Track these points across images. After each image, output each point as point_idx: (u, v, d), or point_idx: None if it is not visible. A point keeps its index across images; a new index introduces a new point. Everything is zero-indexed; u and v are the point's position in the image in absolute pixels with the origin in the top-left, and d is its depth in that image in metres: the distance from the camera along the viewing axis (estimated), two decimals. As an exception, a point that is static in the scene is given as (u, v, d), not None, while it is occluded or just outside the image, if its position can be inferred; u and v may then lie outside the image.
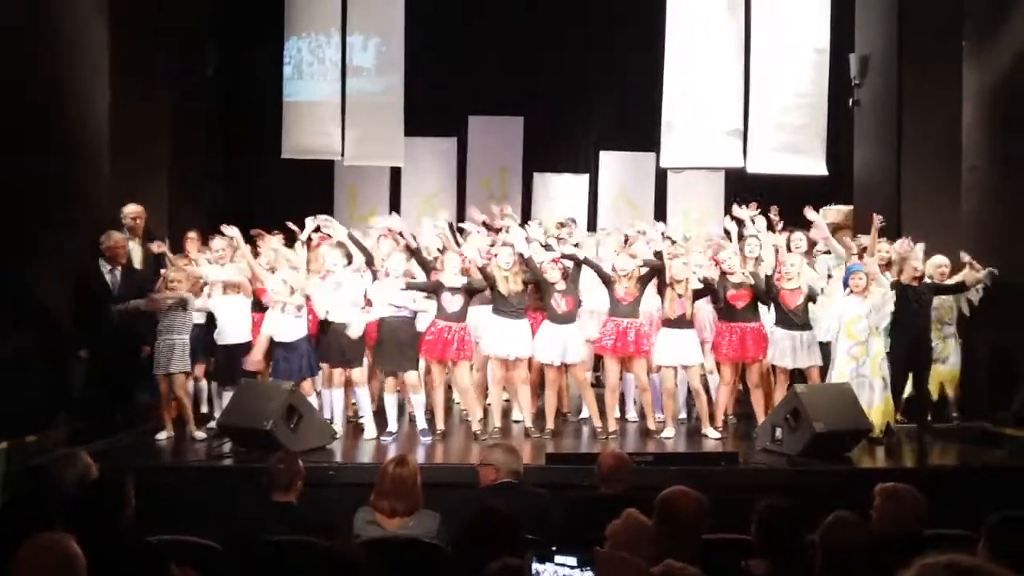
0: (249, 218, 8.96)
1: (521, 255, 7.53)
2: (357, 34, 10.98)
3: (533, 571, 2.89)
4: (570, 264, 7.58)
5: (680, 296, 7.46)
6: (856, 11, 10.71)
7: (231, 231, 7.78)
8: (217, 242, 7.93)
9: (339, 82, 10.93)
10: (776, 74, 10.41)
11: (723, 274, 7.63)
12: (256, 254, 7.98)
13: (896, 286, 7.59)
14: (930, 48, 9.38)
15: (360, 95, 10.95)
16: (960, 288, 7.91)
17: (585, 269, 7.63)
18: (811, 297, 7.53)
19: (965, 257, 8.09)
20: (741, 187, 10.80)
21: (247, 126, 11.38)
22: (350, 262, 7.67)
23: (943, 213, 8.29)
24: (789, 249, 8.08)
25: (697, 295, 7.56)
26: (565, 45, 11.65)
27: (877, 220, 7.94)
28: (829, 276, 8.10)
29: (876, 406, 7.27)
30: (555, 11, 11.62)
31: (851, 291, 7.42)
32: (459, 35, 11.34)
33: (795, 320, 7.49)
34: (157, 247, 7.92)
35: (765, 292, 7.52)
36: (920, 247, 8.03)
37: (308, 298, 7.51)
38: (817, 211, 8.44)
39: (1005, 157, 8.34)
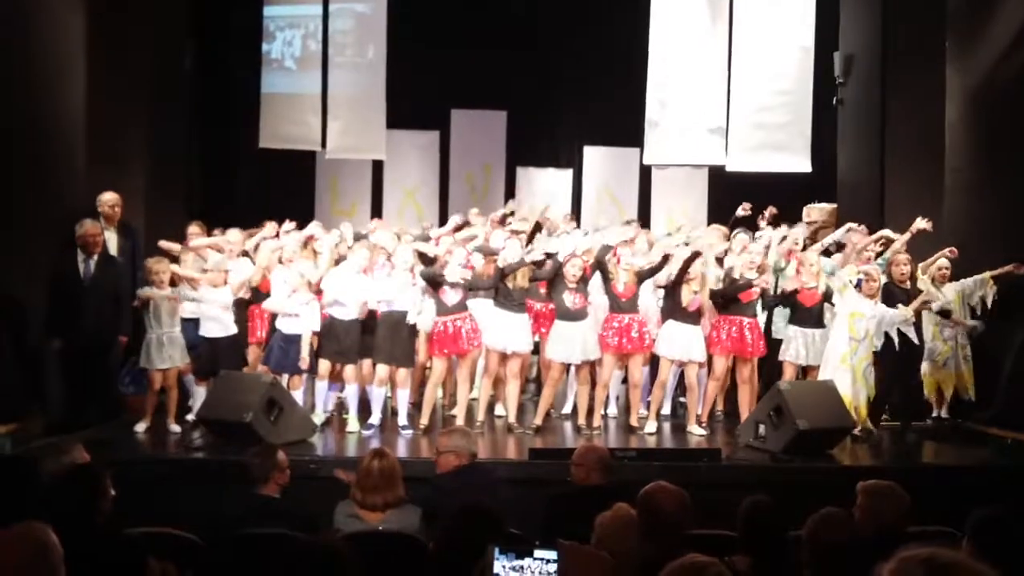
0: (228, 211, 8.90)
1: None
2: (339, 25, 10.92)
3: (496, 567, 2.92)
4: (590, 263, 7.57)
5: (696, 292, 7.48)
6: (841, 10, 10.75)
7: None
8: (233, 233, 8.03)
9: (319, 74, 10.88)
10: (759, 72, 10.44)
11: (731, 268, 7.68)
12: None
13: (886, 288, 7.60)
14: (914, 48, 9.43)
15: (342, 88, 10.90)
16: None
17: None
18: (827, 296, 7.54)
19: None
20: (725, 185, 10.83)
21: (226, 118, 11.28)
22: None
23: (926, 213, 8.30)
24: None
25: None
26: (549, 38, 11.62)
27: (921, 223, 7.95)
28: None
29: (860, 400, 7.29)
30: (540, 6, 11.58)
31: (862, 291, 7.44)
32: (442, 28, 11.29)
33: (810, 319, 7.52)
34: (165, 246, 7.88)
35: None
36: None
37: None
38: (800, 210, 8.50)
39: (987, 158, 8.39)
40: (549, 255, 7.69)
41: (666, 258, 7.58)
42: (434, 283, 7.39)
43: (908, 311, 7.35)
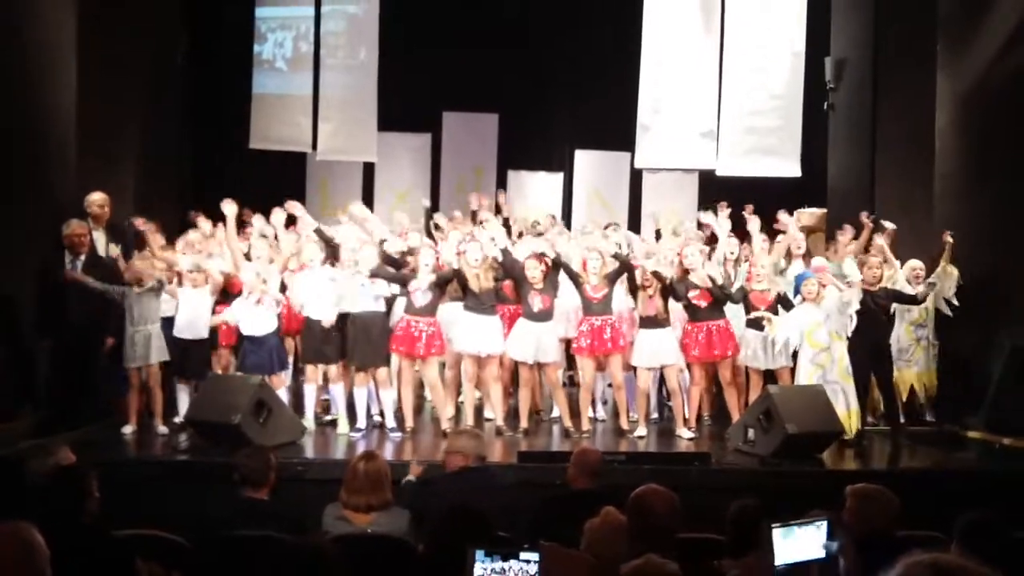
0: (218, 211, 8.84)
1: (504, 251, 7.47)
2: (330, 27, 10.91)
3: (478, 569, 2.92)
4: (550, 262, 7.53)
5: (651, 296, 7.45)
6: (832, 15, 10.78)
7: (205, 225, 7.76)
8: (193, 234, 7.92)
9: (311, 75, 10.86)
10: (750, 76, 10.47)
11: (685, 273, 7.59)
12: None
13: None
14: (905, 53, 9.45)
15: (333, 89, 10.88)
16: (913, 300, 7.73)
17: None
18: (779, 300, 7.50)
19: (948, 238, 8.01)
20: (715, 189, 10.84)
21: (217, 117, 11.24)
22: (328, 257, 7.63)
23: (916, 217, 8.34)
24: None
25: (664, 294, 7.54)
26: (541, 42, 11.61)
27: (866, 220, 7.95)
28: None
29: (852, 409, 7.20)
30: (532, 8, 11.58)
31: (803, 299, 7.34)
32: (434, 31, 11.28)
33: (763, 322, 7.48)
34: (142, 224, 7.70)
35: (723, 295, 7.51)
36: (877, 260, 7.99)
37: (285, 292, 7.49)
38: (791, 215, 8.48)
39: (977, 163, 8.41)
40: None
41: (624, 263, 7.54)
42: (402, 281, 7.40)
43: (846, 290, 7.20)
